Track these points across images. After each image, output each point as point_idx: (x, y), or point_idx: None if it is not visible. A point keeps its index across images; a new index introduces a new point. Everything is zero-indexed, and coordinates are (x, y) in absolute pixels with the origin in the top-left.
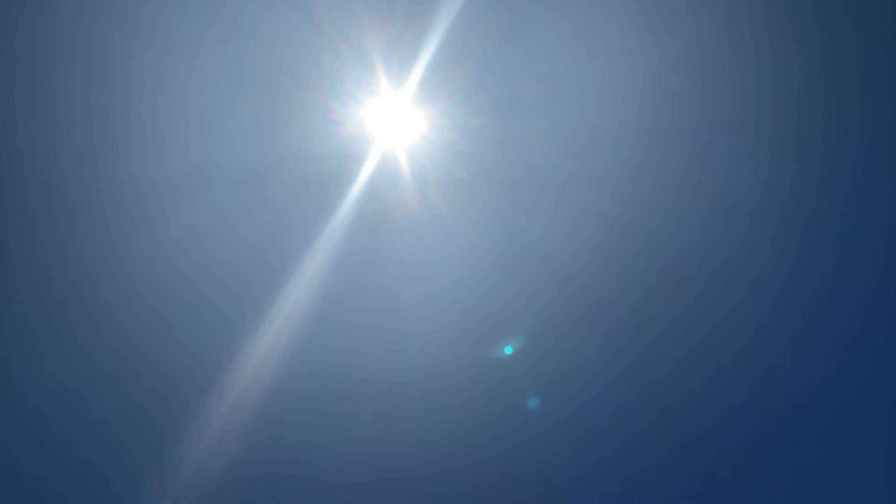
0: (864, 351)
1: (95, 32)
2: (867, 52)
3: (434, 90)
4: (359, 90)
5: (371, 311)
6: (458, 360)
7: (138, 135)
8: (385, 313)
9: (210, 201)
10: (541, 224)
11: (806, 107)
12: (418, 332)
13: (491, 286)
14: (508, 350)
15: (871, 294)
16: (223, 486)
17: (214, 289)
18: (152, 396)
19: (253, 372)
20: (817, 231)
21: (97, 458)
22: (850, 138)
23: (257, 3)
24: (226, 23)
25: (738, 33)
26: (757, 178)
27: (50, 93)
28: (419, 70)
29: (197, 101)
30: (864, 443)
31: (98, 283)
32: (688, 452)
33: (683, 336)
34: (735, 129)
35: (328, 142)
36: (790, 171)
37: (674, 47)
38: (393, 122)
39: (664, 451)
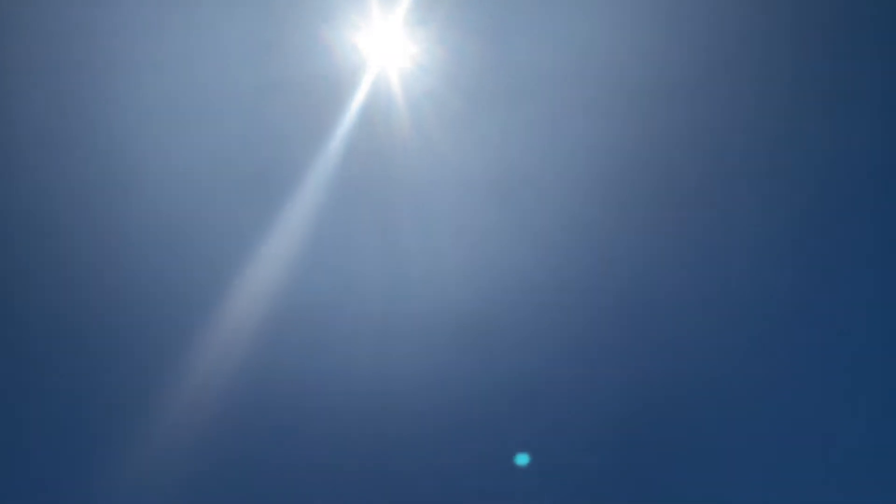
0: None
1: None
2: None
3: (428, 13)
4: (351, 13)
5: (366, 240)
6: (456, 290)
7: (123, 60)
8: (380, 242)
9: (200, 126)
10: (537, 153)
11: (811, 40)
12: (414, 262)
13: (486, 216)
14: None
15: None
16: (220, 413)
17: (205, 219)
18: (144, 321)
19: (248, 303)
20: (829, 161)
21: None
22: (855, 61)
23: None
24: None
25: None
26: (764, 110)
27: (34, 16)
28: None
29: (188, 25)
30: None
31: (92, 210)
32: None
33: (685, 270)
34: (742, 60)
35: (320, 67)
36: (797, 104)
37: None
38: (386, 46)
39: (661, 392)
